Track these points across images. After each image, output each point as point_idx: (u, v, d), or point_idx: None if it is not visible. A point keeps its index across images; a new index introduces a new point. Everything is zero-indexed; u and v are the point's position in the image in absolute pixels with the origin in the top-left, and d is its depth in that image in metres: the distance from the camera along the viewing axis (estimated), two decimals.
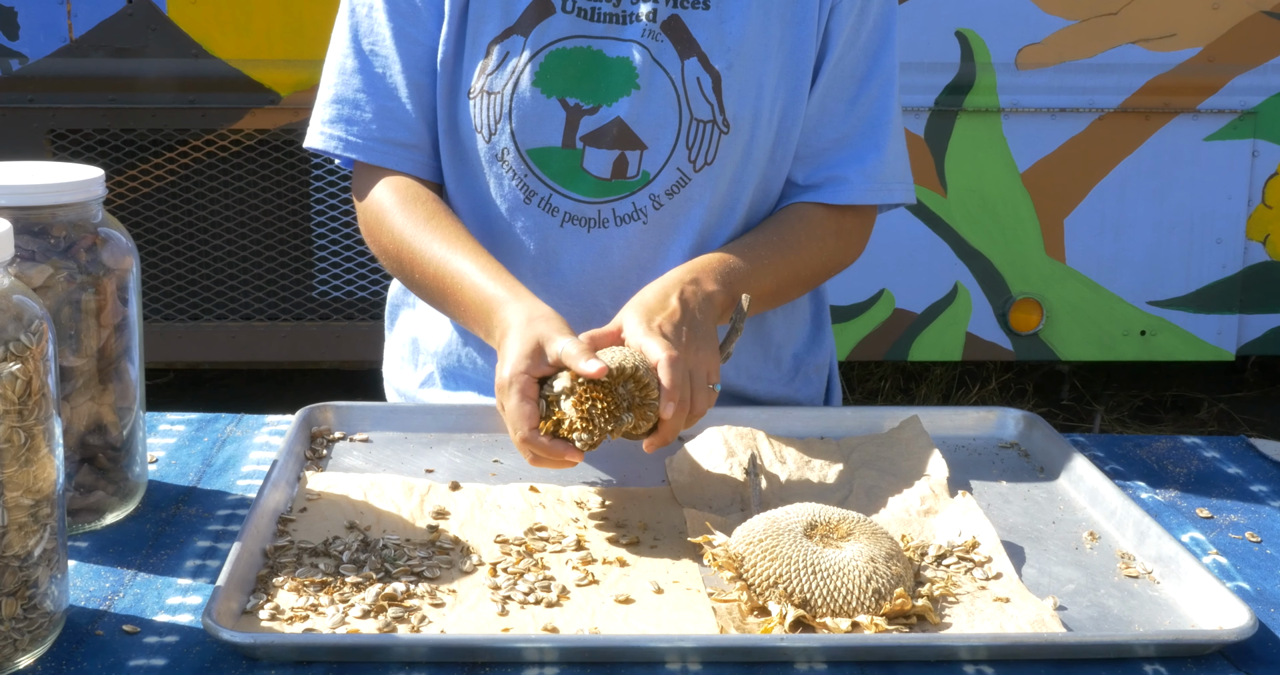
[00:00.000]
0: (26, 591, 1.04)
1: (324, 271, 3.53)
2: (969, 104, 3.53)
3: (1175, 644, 1.10)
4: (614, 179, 1.56)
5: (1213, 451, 1.56)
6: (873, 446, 1.45)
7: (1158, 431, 4.23)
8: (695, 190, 1.57)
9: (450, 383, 1.68)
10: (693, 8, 1.54)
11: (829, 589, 1.13)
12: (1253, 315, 3.73)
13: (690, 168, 1.56)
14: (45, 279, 1.19)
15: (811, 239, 1.58)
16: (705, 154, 1.56)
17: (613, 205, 1.57)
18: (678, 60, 1.54)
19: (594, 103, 1.54)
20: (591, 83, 1.54)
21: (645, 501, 1.36)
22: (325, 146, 1.59)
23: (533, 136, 1.56)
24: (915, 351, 3.71)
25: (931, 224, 3.62)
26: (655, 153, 1.55)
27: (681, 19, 1.53)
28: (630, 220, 1.57)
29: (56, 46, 3.32)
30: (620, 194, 1.56)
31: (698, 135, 1.55)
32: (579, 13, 1.53)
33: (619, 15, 1.54)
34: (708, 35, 1.53)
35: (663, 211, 1.57)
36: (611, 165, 1.55)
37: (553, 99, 1.54)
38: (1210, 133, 3.61)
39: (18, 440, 1.03)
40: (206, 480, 1.41)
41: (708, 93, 1.54)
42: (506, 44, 1.54)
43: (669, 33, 1.53)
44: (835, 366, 1.79)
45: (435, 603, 1.15)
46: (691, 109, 1.54)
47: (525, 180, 1.57)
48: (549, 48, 1.53)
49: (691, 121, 1.55)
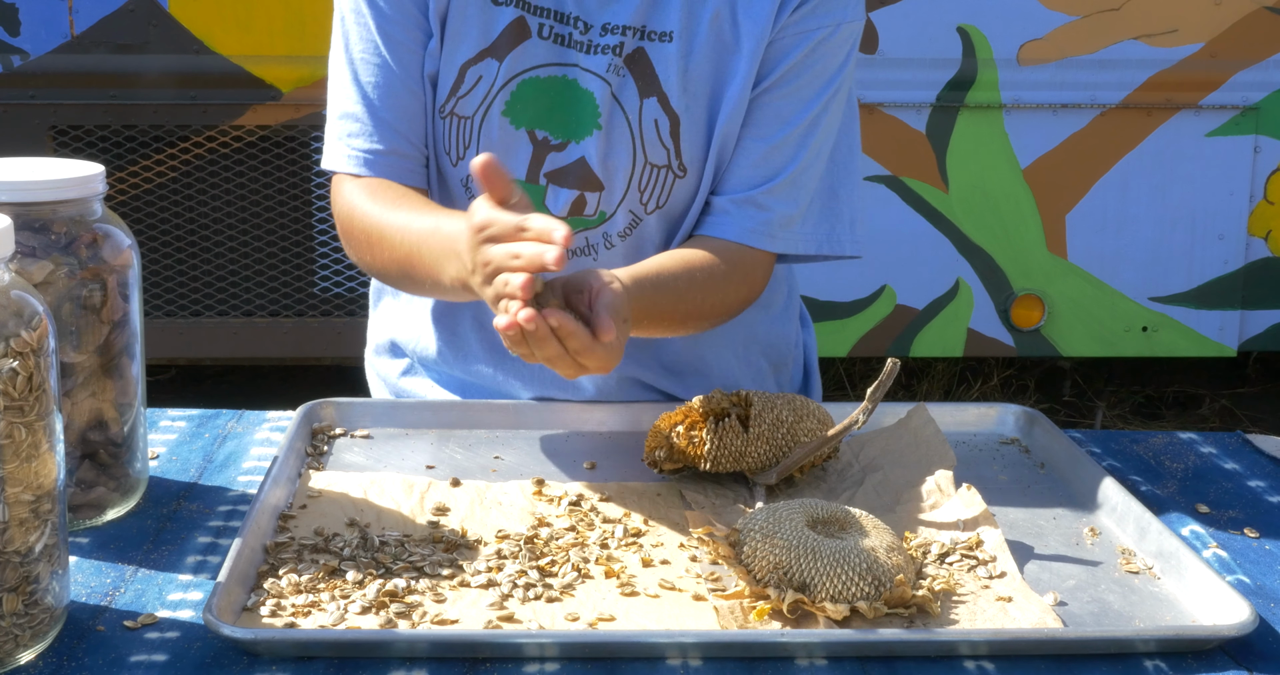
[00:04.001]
0: (28, 587, 1.05)
1: (325, 268, 3.53)
2: (971, 100, 3.53)
3: (1176, 639, 1.10)
4: (570, 217, 1.54)
5: (1210, 447, 1.56)
6: (882, 440, 1.45)
7: (1159, 428, 4.23)
8: (648, 231, 1.56)
9: (432, 373, 1.68)
10: (658, 40, 1.50)
11: (829, 573, 1.13)
12: (1254, 311, 3.73)
13: (642, 210, 1.55)
14: (46, 275, 1.19)
15: (717, 278, 1.50)
16: (658, 198, 1.54)
17: None
18: (637, 98, 1.51)
19: (563, 137, 1.52)
20: (562, 115, 1.51)
21: (646, 497, 1.36)
22: (340, 166, 1.53)
23: None
24: (917, 347, 3.71)
25: (933, 220, 3.62)
26: (610, 194, 1.54)
27: (646, 52, 1.50)
28: (582, 254, 1.56)
29: (58, 42, 3.32)
30: (576, 230, 1.54)
31: (651, 179, 1.53)
32: (555, 38, 1.50)
33: (586, 44, 1.50)
34: (669, 72, 1.50)
35: (614, 251, 1.56)
36: (570, 204, 1.53)
37: (521, 131, 1.52)
38: (1212, 128, 3.61)
39: (19, 436, 1.03)
40: (207, 476, 1.41)
41: (665, 136, 1.51)
42: (480, 67, 1.51)
43: (632, 67, 1.50)
44: (814, 358, 1.79)
45: (436, 598, 1.15)
46: (646, 153, 1.52)
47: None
48: (523, 75, 1.51)
49: (645, 165, 1.52)
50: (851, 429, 1.34)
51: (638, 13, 1.49)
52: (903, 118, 3.53)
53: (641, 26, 1.50)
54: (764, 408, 1.37)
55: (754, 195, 1.52)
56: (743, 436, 1.35)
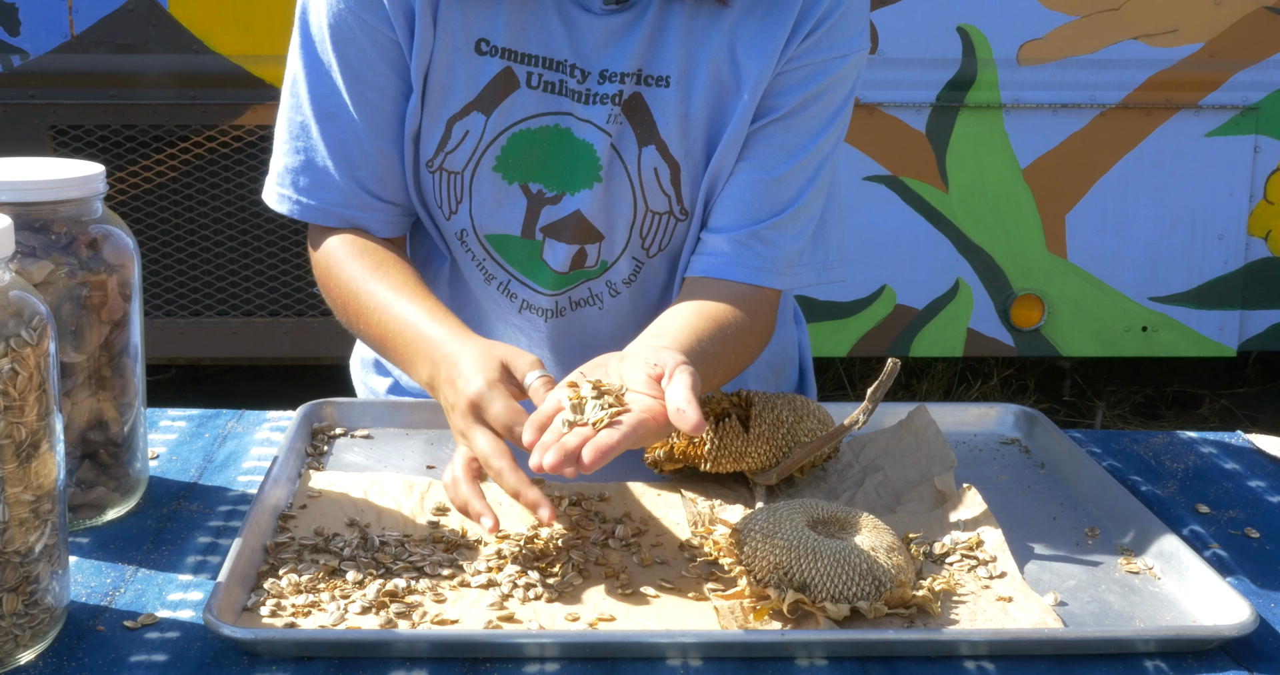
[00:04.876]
0: (28, 587, 1.05)
1: None
2: (970, 100, 3.53)
3: (1176, 640, 1.10)
4: (573, 271, 1.51)
5: (1210, 447, 1.56)
6: (882, 441, 1.45)
7: (1159, 428, 4.23)
8: (649, 274, 1.53)
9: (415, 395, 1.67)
10: (656, 85, 1.44)
11: (829, 573, 1.13)
12: (1254, 311, 3.73)
13: (644, 254, 1.52)
14: (46, 275, 1.19)
15: (743, 332, 1.44)
16: (660, 242, 1.51)
17: (569, 293, 1.53)
18: (635, 148, 1.46)
19: (557, 190, 1.47)
20: (556, 166, 1.46)
21: (646, 497, 1.36)
22: (284, 210, 1.49)
23: (491, 222, 1.50)
24: (917, 347, 3.71)
25: (933, 220, 3.62)
26: (611, 244, 1.50)
27: (644, 99, 1.45)
28: (586, 305, 1.54)
29: (58, 42, 3.32)
30: (578, 282, 1.53)
31: (652, 225, 1.49)
32: (545, 87, 1.44)
33: (584, 94, 1.44)
34: (668, 118, 1.45)
35: (619, 298, 1.54)
36: (570, 258, 1.50)
37: (514, 185, 1.47)
38: (1212, 128, 3.61)
39: (19, 436, 1.03)
40: (207, 476, 1.41)
41: (665, 184, 1.47)
42: (467, 122, 1.45)
43: (629, 115, 1.45)
44: (809, 356, 1.77)
45: (436, 598, 1.15)
46: (647, 201, 1.48)
47: (485, 264, 1.53)
48: (513, 129, 1.45)
49: (646, 213, 1.49)
50: (852, 429, 1.34)
51: (635, 56, 1.43)
52: (903, 118, 3.53)
53: (638, 71, 1.44)
54: (764, 408, 1.37)
55: (759, 230, 1.47)
56: (743, 437, 1.35)
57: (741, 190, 1.47)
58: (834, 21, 1.45)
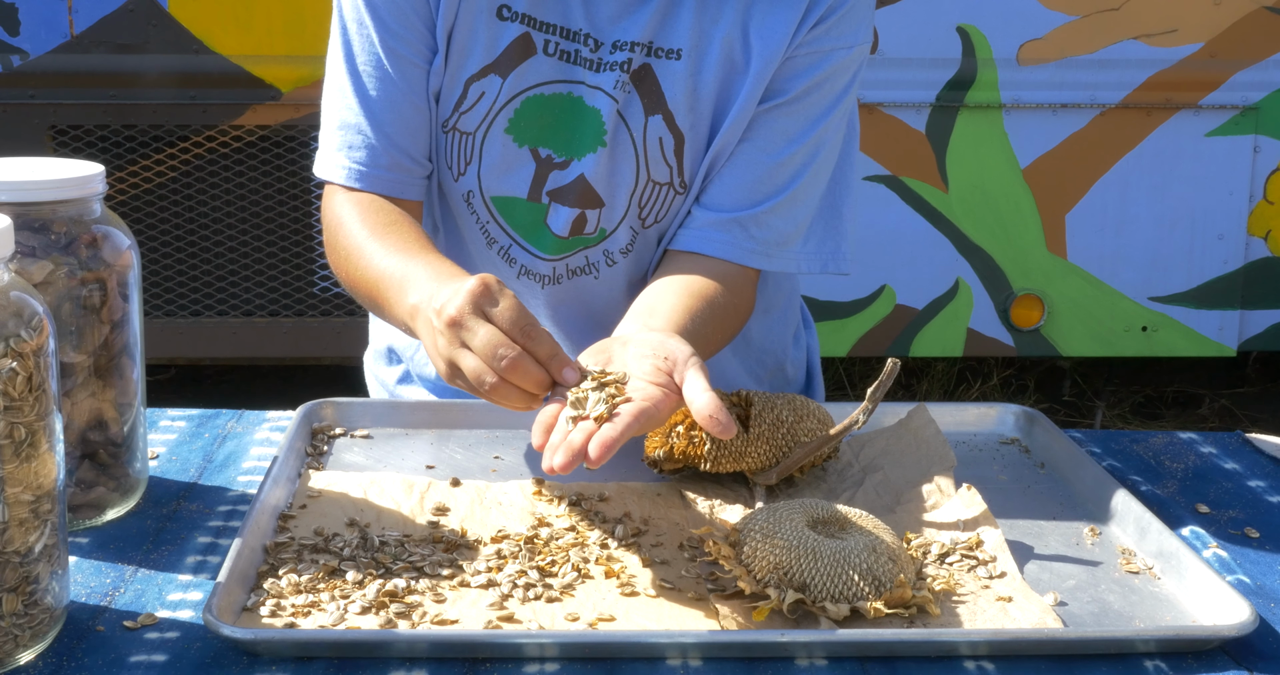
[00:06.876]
0: (27, 587, 1.05)
1: (325, 267, 3.53)
2: (970, 100, 3.53)
3: (1176, 639, 1.10)
4: (572, 237, 1.54)
5: (1209, 447, 1.56)
6: (882, 441, 1.45)
7: (1159, 428, 4.23)
8: (643, 245, 1.56)
9: (426, 382, 1.68)
10: (666, 57, 1.48)
11: (829, 573, 1.13)
12: (1254, 311, 3.73)
13: (639, 224, 1.54)
14: (46, 275, 1.19)
15: (729, 310, 1.48)
16: (657, 214, 1.53)
17: (567, 261, 1.56)
18: (642, 116, 1.49)
19: (566, 155, 1.50)
20: (566, 132, 1.50)
21: (646, 497, 1.36)
22: (336, 178, 1.51)
23: (499, 184, 1.52)
24: (916, 347, 3.71)
25: (933, 220, 3.62)
26: (611, 210, 1.53)
27: (653, 70, 1.48)
28: (582, 273, 1.56)
29: (57, 42, 3.32)
30: (576, 249, 1.55)
31: (651, 196, 1.52)
32: (561, 55, 1.48)
33: (596, 62, 1.48)
34: (676, 90, 1.48)
35: (615, 267, 1.56)
36: (571, 223, 1.53)
37: (524, 148, 1.51)
38: (1212, 128, 3.61)
39: (18, 436, 1.03)
40: (207, 476, 1.41)
41: (669, 155, 1.50)
42: (484, 83, 1.49)
43: (638, 84, 1.48)
44: (817, 360, 1.79)
45: (436, 598, 1.15)
46: (650, 171, 1.51)
47: (487, 227, 1.55)
48: (526, 93, 1.49)
49: (648, 182, 1.51)
50: (852, 429, 1.34)
51: (648, 28, 1.47)
52: (902, 117, 3.53)
53: (649, 42, 1.48)
54: (764, 408, 1.37)
55: (756, 214, 1.50)
56: (743, 436, 1.35)
57: (741, 170, 1.51)
58: (844, 11, 1.49)
